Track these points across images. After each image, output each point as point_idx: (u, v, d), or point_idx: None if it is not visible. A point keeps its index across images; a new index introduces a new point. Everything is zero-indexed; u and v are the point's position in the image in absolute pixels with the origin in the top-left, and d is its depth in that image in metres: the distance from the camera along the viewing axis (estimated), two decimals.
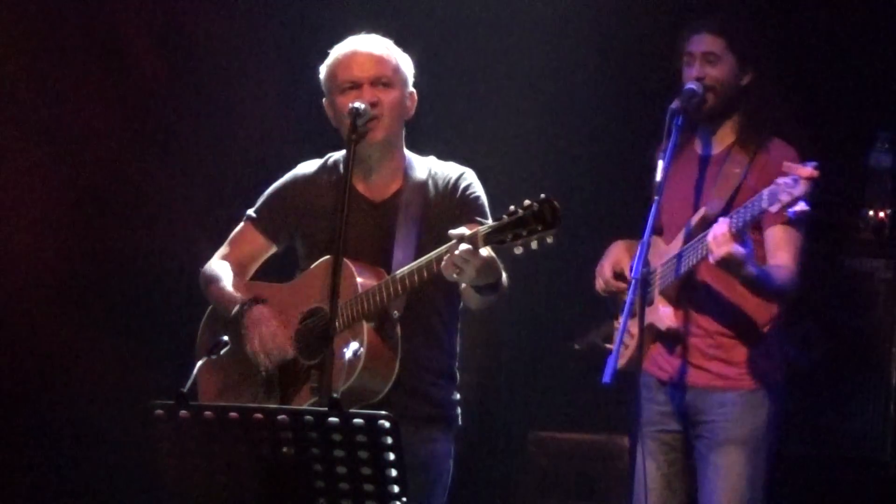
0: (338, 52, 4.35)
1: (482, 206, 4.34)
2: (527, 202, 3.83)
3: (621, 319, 4.34)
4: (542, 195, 3.82)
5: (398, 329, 4.19)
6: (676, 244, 4.73)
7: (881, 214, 5.46)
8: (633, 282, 4.30)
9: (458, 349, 4.38)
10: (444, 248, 3.99)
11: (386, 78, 4.27)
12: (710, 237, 4.46)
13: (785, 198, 4.28)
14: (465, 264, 3.92)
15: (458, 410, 4.36)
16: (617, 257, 4.96)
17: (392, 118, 4.27)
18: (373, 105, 4.21)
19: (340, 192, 4.05)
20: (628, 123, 5.95)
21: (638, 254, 4.30)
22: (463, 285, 4.19)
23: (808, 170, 4.27)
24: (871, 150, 5.46)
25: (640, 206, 4.57)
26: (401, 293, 4.13)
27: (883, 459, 5.58)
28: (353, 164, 4.08)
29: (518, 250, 3.85)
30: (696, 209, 4.75)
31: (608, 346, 5.02)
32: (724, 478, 4.65)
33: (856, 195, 5.54)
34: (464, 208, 4.30)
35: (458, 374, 4.38)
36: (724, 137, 4.85)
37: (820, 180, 4.30)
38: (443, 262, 3.97)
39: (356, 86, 4.26)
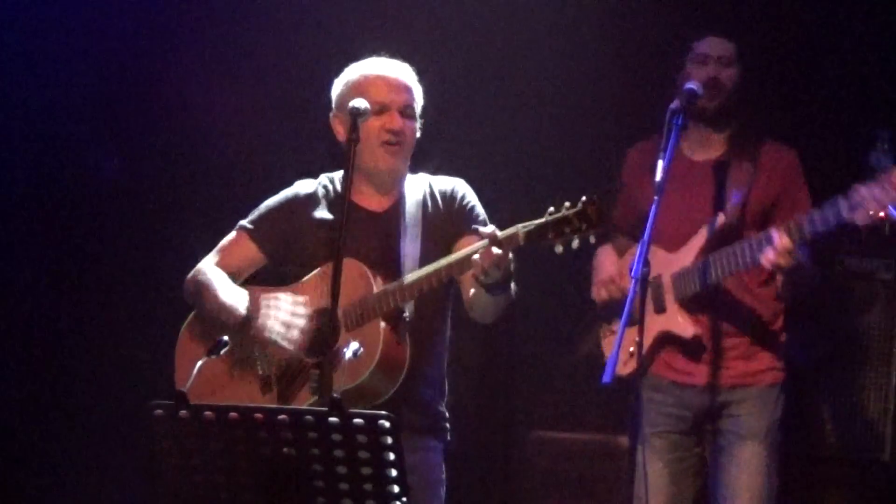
0: (364, 70, 4.30)
1: (480, 212, 4.36)
2: (568, 203, 3.84)
3: (621, 322, 4.32)
4: (590, 194, 3.83)
5: (408, 333, 4.18)
6: (690, 253, 4.77)
7: (881, 214, 5.46)
8: (633, 281, 4.30)
9: (445, 364, 4.40)
10: (468, 250, 3.99)
11: (411, 109, 4.29)
12: (773, 251, 4.49)
13: (873, 207, 4.39)
14: (494, 267, 3.92)
15: (448, 424, 4.38)
16: (610, 261, 5.01)
17: (409, 148, 4.30)
18: (396, 133, 4.22)
19: (340, 199, 4.04)
20: (631, 126, 5.93)
21: (637, 253, 4.30)
22: (472, 292, 4.17)
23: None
24: (871, 150, 5.45)
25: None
26: (416, 294, 4.13)
27: (883, 459, 5.58)
28: (353, 165, 4.05)
29: (559, 248, 3.85)
30: (699, 217, 4.79)
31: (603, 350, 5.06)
32: (746, 470, 4.82)
33: None
34: (464, 216, 4.32)
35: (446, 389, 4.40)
36: (716, 143, 4.89)
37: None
38: (473, 262, 3.94)
39: (385, 109, 4.23)
